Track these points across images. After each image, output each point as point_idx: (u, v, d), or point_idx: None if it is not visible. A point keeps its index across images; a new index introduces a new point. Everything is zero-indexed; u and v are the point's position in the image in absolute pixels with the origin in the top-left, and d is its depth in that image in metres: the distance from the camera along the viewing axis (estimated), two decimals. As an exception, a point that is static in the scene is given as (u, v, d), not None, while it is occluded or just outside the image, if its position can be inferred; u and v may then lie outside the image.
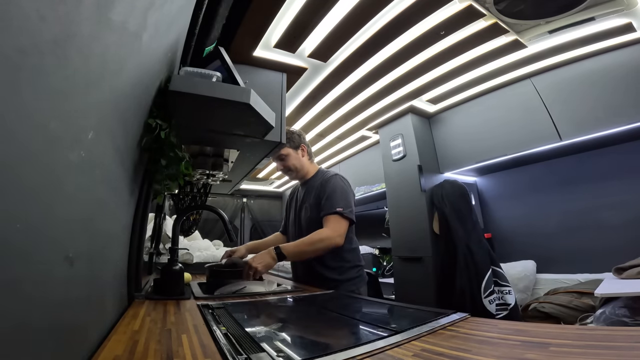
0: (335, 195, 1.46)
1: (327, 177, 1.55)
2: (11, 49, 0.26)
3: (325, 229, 1.39)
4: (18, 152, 0.29)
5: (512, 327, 0.63)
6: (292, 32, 1.58)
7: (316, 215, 1.48)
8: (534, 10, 1.52)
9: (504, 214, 2.74)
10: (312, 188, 1.58)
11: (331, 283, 1.39)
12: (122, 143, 0.69)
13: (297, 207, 1.65)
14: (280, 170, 1.66)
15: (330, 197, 1.45)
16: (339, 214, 1.41)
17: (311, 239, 1.37)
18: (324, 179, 1.55)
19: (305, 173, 1.66)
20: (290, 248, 1.34)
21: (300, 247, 1.36)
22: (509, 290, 1.96)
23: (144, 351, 0.53)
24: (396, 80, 2.11)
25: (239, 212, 5.17)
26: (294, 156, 1.63)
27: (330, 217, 1.41)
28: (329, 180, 1.52)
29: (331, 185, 1.49)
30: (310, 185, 1.60)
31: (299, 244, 1.37)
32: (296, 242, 1.39)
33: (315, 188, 1.55)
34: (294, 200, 1.72)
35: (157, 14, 0.68)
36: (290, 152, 1.62)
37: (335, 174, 1.57)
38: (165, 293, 1.08)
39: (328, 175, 1.57)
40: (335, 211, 1.41)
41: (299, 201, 1.65)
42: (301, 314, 0.96)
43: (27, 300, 0.32)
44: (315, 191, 1.54)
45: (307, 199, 1.57)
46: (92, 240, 0.55)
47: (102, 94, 0.50)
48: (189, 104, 0.99)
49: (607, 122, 1.84)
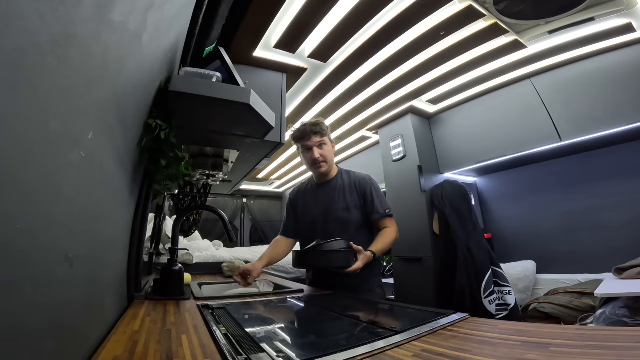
0: (382, 196, 1.46)
1: (362, 176, 1.51)
2: (11, 48, 0.26)
3: (392, 230, 1.41)
4: (18, 152, 0.29)
5: (513, 328, 0.63)
6: (292, 32, 1.58)
7: (354, 218, 1.43)
8: (533, 11, 1.52)
9: (504, 214, 2.74)
10: (339, 188, 1.48)
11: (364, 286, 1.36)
12: (122, 143, 0.69)
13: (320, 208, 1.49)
14: (311, 160, 1.46)
15: (380, 198, 1.44)
16: (392, 216, 1.45)
17: (388, 239, 1.37)
18: (358, 179, 1.49)
19: (331, 170, 1.54)
20: (379, 248, 1.33)
21: (385, 248, 1.36)
22: (509, 291, 1.96)
23: (143, 351, 0.53)
24: (396, 81, 2.11)
25: (239, 213, 5.16)
26: (330, 148, 1.51)
27: (388, 219, 1.43)
28: (370, 181, 1.48)
29: (375, 186, 1.47)
30: (335, 185, 1.50)
31: (384, 246, 1.35)
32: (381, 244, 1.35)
33: (345, 188, 1.47)
34: (308, 201, 1.57)
35: (157, 14, 0.68)
36: (328, 143, 1.50)
37: (366, 174, 1.54)
38: (165, 293, 1.08)
39: (361, 175, 1.52)
40: (390, 214, 1.43)
41: (321, 202, 1.50)
42: (301, 314, 0.96)
43: (27, 300, 0.32)
44: (349, 191, 1.46)
45: (337, 199, 1.46)
46: (92, 241, 0.55)
47: (102, 94, 0.50)
48: (189, 105, 0.99)
49: (607, 122, 1.84)
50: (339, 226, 1.42)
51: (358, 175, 1.52)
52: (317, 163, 1.45)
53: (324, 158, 1.46)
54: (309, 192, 1.59)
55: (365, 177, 1.50)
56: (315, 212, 1.50)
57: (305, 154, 1.48)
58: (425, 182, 2.50)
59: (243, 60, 1.72)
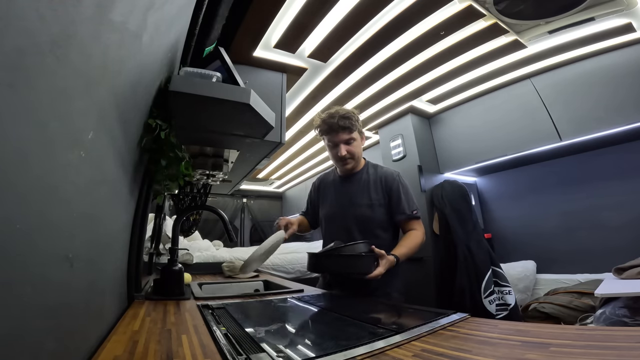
0: (410, 195, 1.34)
1: (390, 172, 1.38)
2: (11, 48, 0.26)
3: (418, 234, 1.30)
4: (18, 153, 0.29)
5: (512, 328, 0.63)
6: (292, 32, 1.58)
7: (377, 216, 1.32)
8: (533, 11, 1.52)
9: (504, 214, 2.74)
10: (363, 183, 1.37)
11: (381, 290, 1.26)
12: (122, 143, 0.69)
13: (341, 203, 1.38)
14: (337, 157, 1.34)
15: (407, 197, 1.33)
16: (419, 218, 1.34)
17: (414, 242, 1.26)
18: (385, 175, 1.36)
19: (358, 164, 1.41)
20: (403, 252, 1.22)
21: (409, 252, 1.24)
22: (509, 291, 1.96)
23: (143, 351, 0.53)
24: (396, 81, 2.11)
25: (239, 213, 5.17)
26: (358, 142, 1.38)
27: (414, 221, 1.32)
28: (398, 178, 1.36)
29: (403, 183, 1.35)
30: (360, 179, 1.38)
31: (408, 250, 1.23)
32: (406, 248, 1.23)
33: (371, 183, 1.36)
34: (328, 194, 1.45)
35: (157, 14, 0.68)
36: (357, 138, 1.36)
37: (394, 170, 1.41)
38: (165, 293, 1.08)
39: (389, 170, 1.39)
40: (417, 215, 1.33)
41: (342, 196, 1.39)
42: (301, 314, 0.96)
43: (27, 301, 0.32)
44: (373, 187, 1.35)
45: (359, 194, 1.35)
46: (92, 241, 0.55)
47: (102, 94, 0.50)
48: (189, 104, 0.99)
49: (607, 122, 1.84)
50: (359, 224, 1.31)
51: (386, 170, 1.39)
52: (344, 160, 1.34)
53: (351, 155, 1.34)
54: (331, 184, 1.46)
55: (392, 173, 1.38)
56: (334, 207, 1.40)
57: (332, 149, 1.35)
58: (425, 182, 2.50)
59: (243, 60, 1.72)
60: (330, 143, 1.35)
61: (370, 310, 0.98)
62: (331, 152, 1.38)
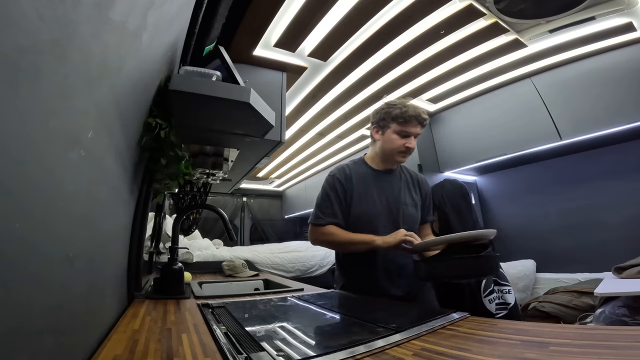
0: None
1: (421, 175, 1.38)
2: (10, 48, 0.26)
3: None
4: (17, 152, 0.29)
5: (512, 327, 0.64)
6: (292, 31, 1.58)
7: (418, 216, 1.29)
8: (534, 10, 1.51)
9: (504, 213, 2.74)
10: (404, 181, 1.31)
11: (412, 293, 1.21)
12: (122, 142, 0.69)
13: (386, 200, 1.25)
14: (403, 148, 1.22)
15: (430, 201, 1.34)
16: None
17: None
18: (418, 177, 1.36)
19: None
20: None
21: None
22: (508, 290, 1.96)
23: (144, 350, 0.53)
24: (396, 79, 2.10)
25: (239, 212, 5.16)
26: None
27: (428, 226, 1.33)
28: (425, 180, 1.37)
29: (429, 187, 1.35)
30: (399, 176, 1.31)
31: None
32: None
33: (409, 182, 1.32)
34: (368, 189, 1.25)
35: (157, 13, 0.68)
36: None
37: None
38: (165, 292, 1.08)
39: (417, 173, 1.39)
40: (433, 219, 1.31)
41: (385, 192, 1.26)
42: (301, 313, 0.96)
43: (27, 299, 0.32)
44: (412, 186, 1.31)
45: (404, 192, 1.28)
46: (92, 240, 0.55)
47: (102, 93, 0.50)
48: (189, 103, 0.99)
49: (607, 121, 1.83)
50: (407, 223, 1.21)
51: (416, 173, 1.38)
52: (406, 153, 1.23)
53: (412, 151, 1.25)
54: (366, 178, 1.27)
55: (423, 177, 1.38)
56: (378, 204, 1.23)
57: (399, 138, 1.21)
58: (425, 181, 2.50)
59: (243, 59, 1.72)
60: (403, 132, 1.21)
61: (370, 309, 0.98)
62: (395, 142, 1.22)
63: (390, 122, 1.23)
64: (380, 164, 1.30)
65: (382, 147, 1.26)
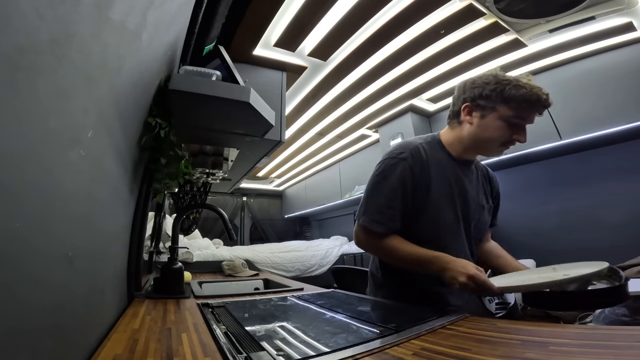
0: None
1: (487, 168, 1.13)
2: (10, 48, 0.26)
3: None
4: (17, 151, 0.29)
5: (512, 326, 0.64)
6: (292, 30, 1.58)
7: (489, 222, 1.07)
8: (534, 9, 1.51)
9: (504, 212, 2.71)
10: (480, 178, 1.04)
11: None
12: (122, 142, 0.69)
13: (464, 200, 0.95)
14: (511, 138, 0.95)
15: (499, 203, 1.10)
16: None
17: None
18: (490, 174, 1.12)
19: None
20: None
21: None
22: (508, 289, 1.96)
23: (144, 350, 0.53)
24: (396, 79, 2.10)
25: (239, 211, 5.17)
26: None
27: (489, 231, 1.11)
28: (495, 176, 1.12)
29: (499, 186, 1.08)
30: (476, 172, 1.04)
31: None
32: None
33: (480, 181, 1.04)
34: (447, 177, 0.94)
35: (157, 12, 0.67)
36: None
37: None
38: (165, 292, 1.08)
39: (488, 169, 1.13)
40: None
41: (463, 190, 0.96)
42: (301, 312, 0.96)
43: (26, 300, 0.32)
44: (482, 186, 1.04)
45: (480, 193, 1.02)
46: (92, 239, 0.55)
47: (102, 92, 0.50)
48: (189, 103, 0.99)
49: (607, 121, 1.83)
50: (479, 233, 1.02)
51: (486, 167, 1.12)
52: (509, 145, 0.96)
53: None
54: (446, 170, 0.94)
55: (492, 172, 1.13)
56: (457, 204, 0.94)
57: (506, 127, 0.92)
58: (425, 180, 2.50)
59: (243, 58, 1.72)
60: (515, 120, 0.92)
61: (370, 309, 0.98)
62: (499, 130, 0.91)
63: (501, 103, 0.90)
64: (462, 152, 0.97)
65: (475, 134, 0.92)
